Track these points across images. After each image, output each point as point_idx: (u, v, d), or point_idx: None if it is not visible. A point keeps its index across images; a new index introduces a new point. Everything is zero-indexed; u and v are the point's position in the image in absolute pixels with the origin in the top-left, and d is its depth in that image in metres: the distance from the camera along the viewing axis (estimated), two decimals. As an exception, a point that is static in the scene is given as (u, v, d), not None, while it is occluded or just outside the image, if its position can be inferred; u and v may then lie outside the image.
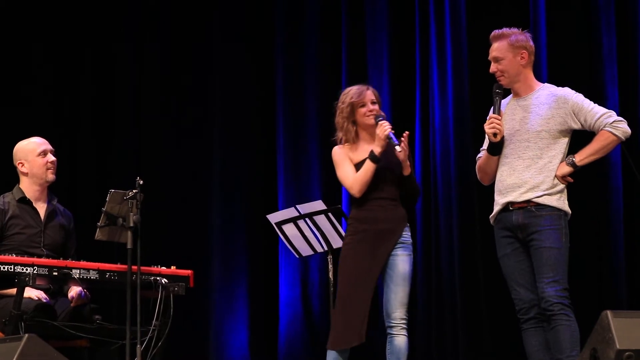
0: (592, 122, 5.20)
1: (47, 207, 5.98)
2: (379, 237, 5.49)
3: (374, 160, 5.45)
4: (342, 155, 5.61)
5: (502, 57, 5.30)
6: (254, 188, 8.53)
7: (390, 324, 5.47)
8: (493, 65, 5.34)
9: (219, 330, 8.32)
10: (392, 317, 5.46)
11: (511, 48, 5.29)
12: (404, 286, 5.49)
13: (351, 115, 5.60)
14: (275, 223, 6.50)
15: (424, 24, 8.04)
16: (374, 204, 5.52)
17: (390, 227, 5.51)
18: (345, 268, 5.50)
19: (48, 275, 5.35)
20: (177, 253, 8.03)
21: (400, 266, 5.50)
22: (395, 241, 5.51)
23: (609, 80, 7.34)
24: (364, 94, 5.61)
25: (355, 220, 5.57)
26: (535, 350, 5.20)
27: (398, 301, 5.46)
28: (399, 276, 5.49)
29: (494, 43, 5.34)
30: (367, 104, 5.59)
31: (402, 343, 5.45)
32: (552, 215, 5.16)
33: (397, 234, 5.52)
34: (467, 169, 6.98)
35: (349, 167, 5.56)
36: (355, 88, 5.66)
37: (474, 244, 7.60)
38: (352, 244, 5.52)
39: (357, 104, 5.59)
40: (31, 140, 6.05)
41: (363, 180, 5.47)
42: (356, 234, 5.52)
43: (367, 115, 5.58)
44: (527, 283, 5.20)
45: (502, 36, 5.32)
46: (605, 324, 4.06)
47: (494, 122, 5.26)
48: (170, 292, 5.62)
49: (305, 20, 8.56)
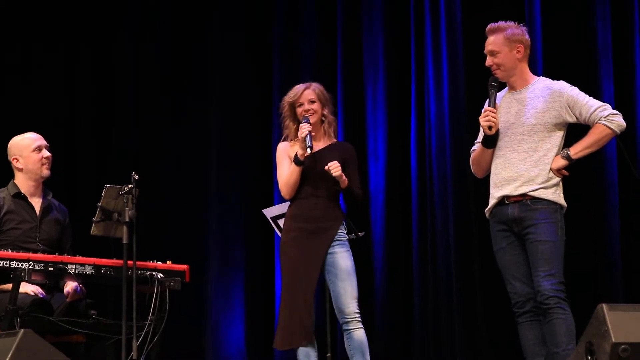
0: (587, 116, 5.20)
1: (42, 202, 5.97)
2: (314, 235, 5.53)
3: (297, 162, 5.53)
4: (282, 153, 5.72)
5: (498, 51, 5.29)
6: (250, 183, 8.54)
7: (345, 320, 5.48)
8: (489, 59, 5.34)
9: (215, 325, 8.32)
10: (345, 313, 5.48)
11: (507, 42, 5.29)
12: (350, 280, 5.51)
13: (291, 113, 5.70)
14: (271, 217, 6.51)
15: (419, 20, 8.05)
16: (309, 203, 5.57)
17: (325, 225, 5.56)
18: (284, 267, 5.57)
19: (44, 271, 5.34)
20: (173, 248, 8.01)
21: (341, 262, 5.53)
22: (330, 239, 5.55)
23: (604, 75, 7.35)
24: (301, 93, 5.68)
25: (290, 218, 5.63)
26: (531, 344, 5.20)
27: (348, 296, 5.49)
28: (342, 272, 5.52)
29: (490, 36, 5.34)
30: (303, 104, 5.66)
31: (362, 336, 5.46)
32: (547, 209, 5.16)
33: (332, 232, 5.56)
34: (463, 163, 6.99)
35: (284, 166, 5.65)
36: (297, 87, 5.75)
37: (469, 238, 7.61)
38: (288, 242, 5.58)
39: (295, 103, 5.68)
40: (26, 135, 6.03)
41: (288, 182, 5.57)
42: (291, 232, 5.58)
43: (302, 114, 5.65)
44: (523, 277, 5.20)
45: (498, 30, 5.32)
46: (600, 317, 4.06)
47: (489, 115, 5.26)
48: (166, 287, 5.62)
49: (302, 18, 8.57)
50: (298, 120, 5.68)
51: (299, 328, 5.43)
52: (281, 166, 5.67)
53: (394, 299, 7.95)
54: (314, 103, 5.66)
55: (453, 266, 7.65)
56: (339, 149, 5.71)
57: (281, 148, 5.73)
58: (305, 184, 5.57)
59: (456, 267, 7.64)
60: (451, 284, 7.65)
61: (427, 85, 7.94)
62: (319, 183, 5.57)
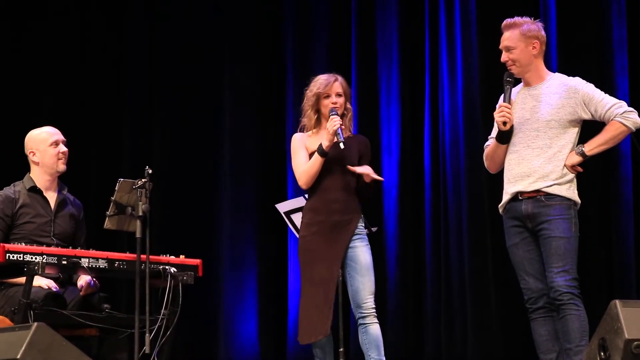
0: (602, 113, 5.19)
1: (57, 196, 5.98)
2: (335, 228, 5.52)
3: (322, 154, 5.51)
4: (299, 144, 5.68)
5: (514, 47, 5.27)
6: (263, 177, 8.55)
7: (362, 314, 5.49)
8: (504, 54, 5.32)
9: (227, 320, 8.33)
10: (363, 308, 5.48)
11: (523, 37, 5.27)
12: (369, 275, 5.52)
13: (315, 104, 5.67)
14: (284, 212, 6.51)
15: (433, 13, 8.04)
16: (329, 195, 5.56)
17: (345, 218, 5.55)
18: (305, 262, 5.55)
19: (57, 264, 5.34)
20: (186, 242, 8.06)
21: (361, 257, 5.54)
22: (351, 233, 5.55)
23: (619, 70, 7.32)
24: (331, 85, 5.66)
25: (310, 211, 5.62)
26: (544, 339, 5.19)
27: (367, 291, 5.50)
28: (362, 267, 5.53)
29: (506, 32, 5.31)
30: (331, 96, 5.64)
31: (377, 331, 5.48)
32: (561, 205, 5.15)
33: (353, 225, 5.56)
34: (477, 159, 6.96)
35: (302, 156, 5.63)
36: (324, 77, 5.71)
37: (483, 234, 7.60)
38: (308, 236, 5.57)
39: (322, 94, 5.65)
40: (43, 129, 6.04)
41: (309, 173, 5.54)
42: (310, 226, 5.57)
43: (330, 107, 5.63)
44: (536, 272, 5.20)
45: (514, 25, 5.29)
46: (614, 313, 4.05)
47: (504, 111, 5.25)
48: (179, 281, 5.62)
49: (316, 10, 8.57)
50: (318, 111, 5.67)
51: (319, 322, 5.43)
52: (298, 156, 5.65)
53: (406, 293, 7.95)
54: (340, 97, 5.65)
55: (466, 261, 7.64)
56: (357, 142, 5.71)
57: (297, 138, 5.72)
58: (325, 176, 5.56)
59: (469, 263, 7.63)
60: (464, 279, 7.65)
61: (441, 79, 7.93)
62: (338, 176, 5.56)
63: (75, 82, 8.57)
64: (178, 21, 8.76)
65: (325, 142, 5.50)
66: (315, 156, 5.53)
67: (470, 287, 7.60)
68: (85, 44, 8.67)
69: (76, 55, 8.62)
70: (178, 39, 8.73)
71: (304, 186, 5.59)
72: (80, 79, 8.59)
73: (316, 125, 5.69)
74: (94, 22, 8.69)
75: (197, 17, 8.77)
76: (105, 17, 8.72)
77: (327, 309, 5.45)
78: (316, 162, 5.52)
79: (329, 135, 5.49)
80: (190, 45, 8.72)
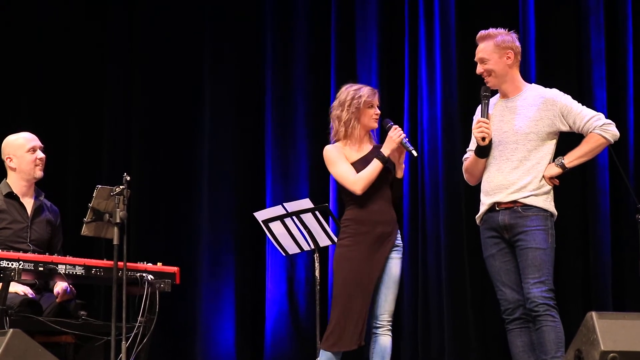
0: (581, 125, 5.20)
1: (34, 202, 5.96)
2: (378, 240, 5.50)
3: (383, 161, 5.48)
4: (338, 153, 5.60)
5: (488, 58, 5.29)
6: (241, 185, 8.53)
7: (377, 325, 5.49)
8: (479, 67, 5.34)
9: (205, 327, 8.31)
10: (379, 319, 5.50)
11: (497, 49, 5.29)
12: (394, 289, 5.54)
13: (357, 114, 5.59)
14: (262, 221, 6.49)
15: (413, 23, 8.05)
16: (372, 206, 5.53)
17: (388, 230, 5.54)
18: (345, 270, 5.50)
19: (34, 271, 5.32)
20: (164, 250, 8.04)
21: (393, 269, 5.54)
22: (392, 245, 5.54)
23: (597, 82, 7.35)
24: (376, 96, 5.64)
25: (353, 222, 5.56)
26: (520, 350, 5.20)
27: (388, 304, 5.51)
28: (391, 279, 5.53)
29: (480, 44, 5.34)
30: (374, 106, 5.62)
31: (388, 343, 5.49)
32: (538, 216, 5.16)
33: (393, 237, 5.56)
34: (455, 168, 7.00)
35: (346, 164, 5.56)
36: (368, 88, 5.66)
37: (460, 244, 7.61)
38: (352, 245, 5.51)
39: (367, 103, 5.59)
40: (21, 135, 6.02)
41: (369, 179, 5.48)
42: (356, 236, 5.52)
43: (374, 117, 5.61)
44: (513, 283, 5.21)
45: (487, 37, 5.32)
46: (590, 325, 4.07)
47: (482, 126, 5.25)
48: (156, 288, 5.61)
49: (295, 19, 8.56)
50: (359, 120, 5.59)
51: (354, 332, 5.41)
52: (341, 165, 5.54)
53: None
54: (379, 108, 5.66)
55: (443, 271, 7.65)
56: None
57: (335, 149, 5.60)
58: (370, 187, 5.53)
59: (447, 273, 7.63)
60: (441, 290, 7.65)
61: (420, 89, 7.94)
62: (380, 186, 5.54)
63: (53, 89, 8.55)
64: (159, 23, 8.74)
65: (387, 150, 5.48)
66: (375, 162, 5.46)
67: (448, 297, 7.61)
68: (64, 50, 8.64)
69: (54, 59, 8.59)
70: (159, 43, 8.71)
71: (361, 192, 5.48)
72: (58, 86, 8.57)
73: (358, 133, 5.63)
74: (73, 27, 8.67)
75: (178, 24, 8.76)
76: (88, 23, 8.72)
77: (363, 320, 5.43)
78: (376, 169, 5.47)
79: (393, 144, 5.47)
80: (169, 53, 8.71)
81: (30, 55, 8.52)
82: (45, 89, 8.52)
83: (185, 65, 8.72)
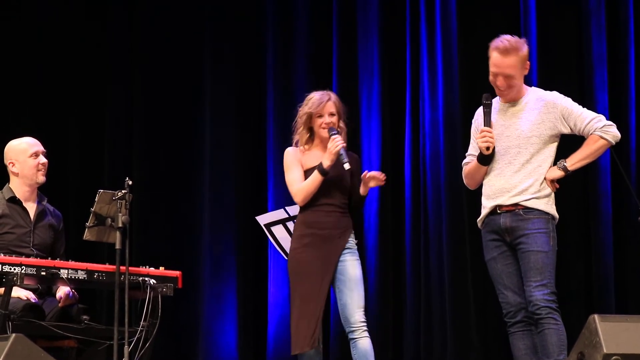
0: (581, 127, 5.20)
1: (37, 207, 5.97)
2: (326, 242, 5.54)
3: (323, 173, 5.52)
4: (293, 159, 5.67)
5: (514, 75, 5.18)
6: (243, 187, 8.53)
7: (351, 329, 5.49)
8: (502, 81, 5.19)
9: (207, 331, 8.31)
10: (351, 322, 5.49)
11: (521, 63, 5.18)
12: (358, 289, 5.54)
13: (307, 122, 5.67)
14: (265, 225, 6.50)
15: (414, 28, 8.04)
16: (321, 210, 5.58)
17: (335, 233, 5.57)
18: (295, 273, 5.56)
19: (36, 275, 5.34)
20: (166, 254, 8.04)
21: (350, 270, 5.56)
22: (342, 246, 5.57)
23: (598, 85, 7.35)
24: (324, 104, 5.64)
25: (302, 224, 5.63)
26: (522, 353, 5.19)
27: (355, 304, 5.51)
28: (351, 280, 5.54)
29: (504, 57, 5.15)
30: (324, 116, 5.64)
31: (367, 345, 5.47)
32: (540, 219, 5.16)
33: (344, 239, 5.58)
34: (457, 172, 6.97)
35: (297, 172, 5.63)
36: (317, 96, 5.69)
37: (463, 247, 7.61)
38: (299, 248, 5.58)
39: (315, 114, 5.64)
40: (23, 140, 6.03)
41: (308, 191, 5.55)
42: (303, 238, 5.58)
43: (323, 127, 5.63)
44: (515, 286, 5.20)
45: (512, 50, 5.16)
46: (592, 328, 4.07)
47: (486, 136, 5.22)
48: (158, 293, 5.61)
49: (296, 19, 8.56)
50: (311, 130, 5.66)
51: (307, 334, 5.43)
52: (292, 172, 5.64)
53: (386, 306, 7.94)
54: (333, 116, 5.65)
55: (446, 275, 7.64)
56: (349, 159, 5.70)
57: (291, 153, 5.70)
58: (320, 193, 5.56)
59: (449, 276, 7.63)
60: (444, 293, 7.65)
61: (421, 93, 7.93)
62: (332, 192, 5.58)
63: (54, 89, 8.55)
64: (160, 23, 8.74)
65: (327, 161, 5.50)
66: (315, 175, 5.52)
67: (450, 299, 7.61)
68: (64, 50, 8.65)
69: (54, 60, 8.60)
70: (159, 43, 8.71)
71: (301, 203, 5.59)
72: (58, 86, 8.58)
73: (308, 142, 5.69)
74: (74, 27, 8.68)
75: (178, 24, 8.76)
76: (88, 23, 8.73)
77: (315, 322, 5.44)
78: (316, 181, 5.52)
79: (331, 156, 5.49)
80: (170, 53, 8.71)
81: (30, 56, 8.52)
82: (45, 89, 8.52)
83: (186, 65, 8.71)
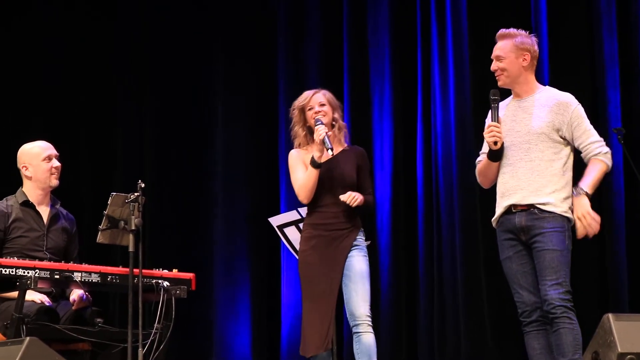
0: (584, 143, 5.18)
1: (50, 210, 5.97)
2: (334, 242, 5.54)
3: (314, 165, 5.52)
4: (296, 160, 5.70)
5: (504, 57, 5.28)
6: (256, 191, 8.55)
7: (355, 322, 5.48)
8: (494, 63, 5.33)
9: (221, 333, 8.33)
10: (356, 316, 5.48)
11: (515, 49, 5.28)
12: (363, 283, 5.52)
13: (301, 119, 5.71)
14: (277, 226, 6.50)
15: (425, 29, 8.06)
16: (327, 211, 5.58)
17: (344, 231, 5.57)
18: (305, 276, 5.56)
19: (50, 279, 5.35)
20: (179, 256, 8.05)
21: (356, 265, 5.55)
22: (349, 245, 5.56)
23: (610, 84, 7.34)
24: (311, 97, 5.69)
25: (309, 226, 5.64)
26: (537, 353, 5.18)
27: (360, 298, 5.50)
28: (356, 274, 5.53)
29: (499, 41, 5.33)
30: (313, 107, 5.66)
31: (371, 340, 5.46)
32: (555, 218, 5.15)
33: (351, 237, 5.58)
34: (469, 172, 6.99)
35: (300, 172, 5.64)
36: (306, 92, 5.75)
37: (476, 247, 7.61)
38: (307, 250, 5.58)
39: (305, 107, 5.68)
40: (36, 144, 6.03)
41: (307, 186, 5.55)
42: (311, 240, 5.58)
43: (313, 118, 5.65)
44: (530, 286, 5.19)
45: (507, 36, 5.31)
46: (607, 327, 4.07)
47: (493, 131, 5.23)
48: (172, 295, 5.61)
49: (308, 25, 8.58)
50: (308, 126, 5.68)
51: (320, 336, 5.43)
52: (296, 172, 5.66)
53: (399, 307, 7.95)
54: (324, 106, 5.66)
55: (459, 275, 7.65)
56: (353, 154, 5.72)
57: (294, 155, 5.72)
58: (324, 192, 5.57)
59: (462, 276, 7.64)
60: (457, 293, 7.65)
61: (433, 93, 7.95)
62: (337, 190, 5.56)
63: (67, 96, 8.58)
64: (170, 30, 8.76)
65: (316, 152, 5.51)
66: (309, 169, 5.53)
67: (463, 299, 7.61)
68: (75, 59, 8.67)
69: (65, 68, 8.63)
70: (170, 49, 8.74)
71: (305, 200, 5.59)
72: (72, 92, 8.60)
73: (308, 141, 5.70)
74: (83, 36, 8.70)
75: (190, 30, 8.78)
76: (98, 32, 8.75)
77: (327, 324, 5.45)
78: (311, 175, 5.52)
79: (318, 146, 5.50)
80: (181, 59, 8.73)
81: (40, 59, 8.55)
82: (57, 92, 8.56)
83: (198, 71, 8.74)
